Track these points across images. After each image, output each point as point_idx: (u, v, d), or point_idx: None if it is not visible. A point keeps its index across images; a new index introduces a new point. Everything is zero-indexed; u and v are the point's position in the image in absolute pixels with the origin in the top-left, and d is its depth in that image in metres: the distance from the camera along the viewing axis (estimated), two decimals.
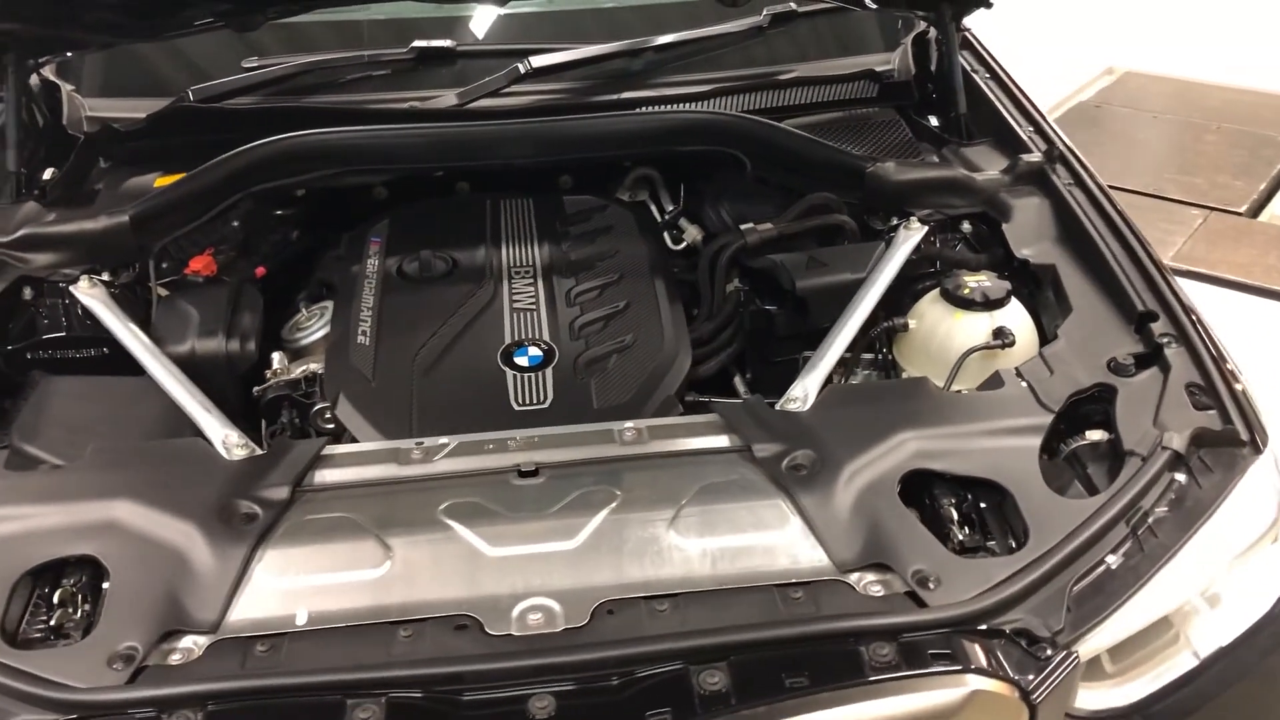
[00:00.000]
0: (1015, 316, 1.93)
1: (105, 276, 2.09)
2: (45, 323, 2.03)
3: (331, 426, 1.89)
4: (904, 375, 1.98)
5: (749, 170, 2.34)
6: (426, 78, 2.53)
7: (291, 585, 1.49)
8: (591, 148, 2.33)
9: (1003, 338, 1.87)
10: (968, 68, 2.50)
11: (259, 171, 2.21)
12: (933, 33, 2.52)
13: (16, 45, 2.19)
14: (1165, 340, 1.77)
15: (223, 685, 1.34)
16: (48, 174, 2.36)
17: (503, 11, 2.59)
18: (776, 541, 1.54)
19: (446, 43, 2.52)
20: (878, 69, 2.56)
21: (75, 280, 2.02)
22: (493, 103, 2.44)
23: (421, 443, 1.71)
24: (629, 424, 1.73)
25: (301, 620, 1.44)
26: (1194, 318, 1.80)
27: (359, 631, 1.43)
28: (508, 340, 1.97)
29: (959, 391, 1.81)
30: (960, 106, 2.39)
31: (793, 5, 2.60)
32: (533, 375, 1.90)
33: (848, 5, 2.42)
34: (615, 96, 2.47)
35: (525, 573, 1.49)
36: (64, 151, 2.42)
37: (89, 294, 2.00)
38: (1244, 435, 1.64)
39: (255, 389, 1.97)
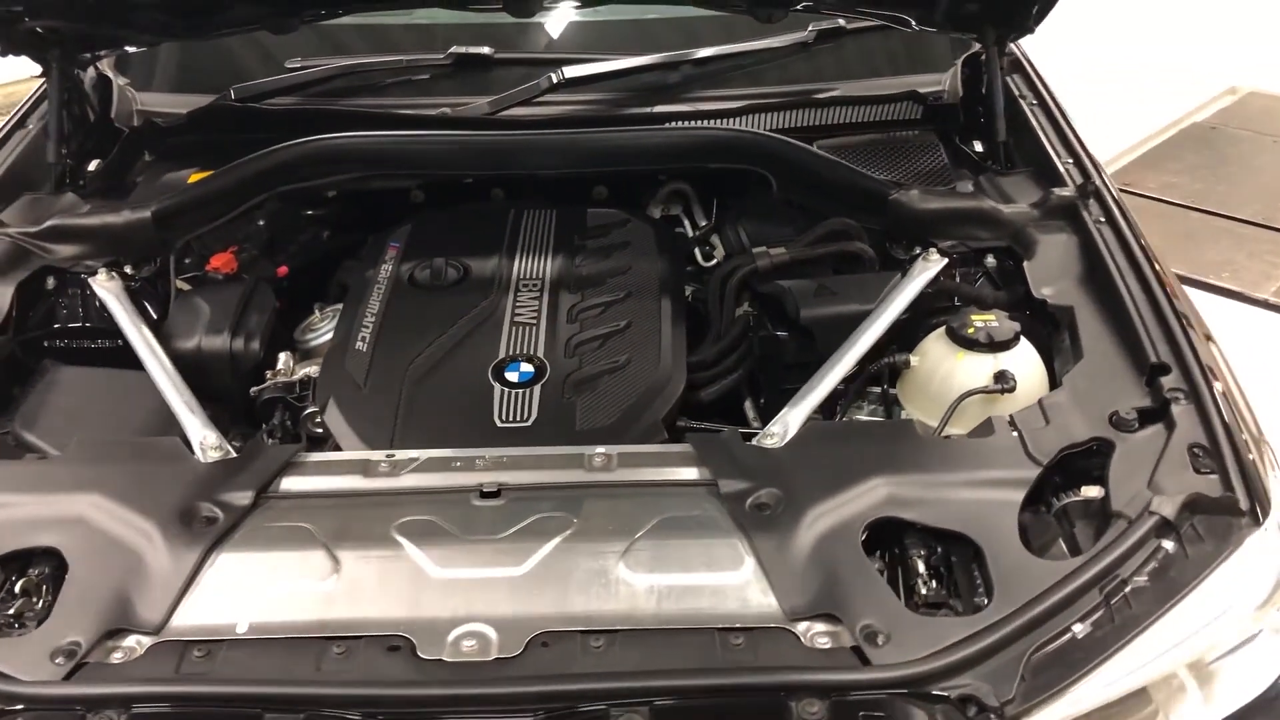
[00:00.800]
0: (1023, 360, 1.84)
1: (128, 270, 2.16)
2: (64, 312, 2.10)
3: (321, 431, 1.91)
4: (903, 414, 1.91)
5: (774, 190, 2.29)
6: (464, 84, 2.54)
7: (238, 592, 1.50)
8: (614, 161, 2.31)
9: (1003, 382, 1.78)
10: (1017, 93, 2.40)
11: (284, 173, 2.25)
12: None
13: (61, 41, 2.26)
14: (1174, 396, 1.66)
15: (148, 689, 1.35)
16: (93, 166, 2.44)
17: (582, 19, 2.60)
18: (727, 583, 1.49)
19: (485, 50, 2.53)
20: (923, 90, 2.47)
21: (95, 272, 2.09)
22: (526, 111, 2.44)
23: (392, 455, 1.71)
24: (600, 449, 1.70)
25: (241, 629, 1.45)
26: (1209, 374, 1.69)
27: (294, 644, 1.43)
28: (502, 354, 1.96)
29: (947, 437, 1.73)
30: (999, 134, 2.29)
31: (841, 22, 2.54)
32: (520, 392, 1.89)
33: (890, 24, 2.34)
34: (648, 110, 2.44)
35: (468, 597, 1.48)
36: (115, 145, 2.50)
37: (104, 286, 2.06)
38: (1243, 504, 1.52)
39: (252, 389, 2.00)
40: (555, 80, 2.41)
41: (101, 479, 1.63)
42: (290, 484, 1.66)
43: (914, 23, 2.28)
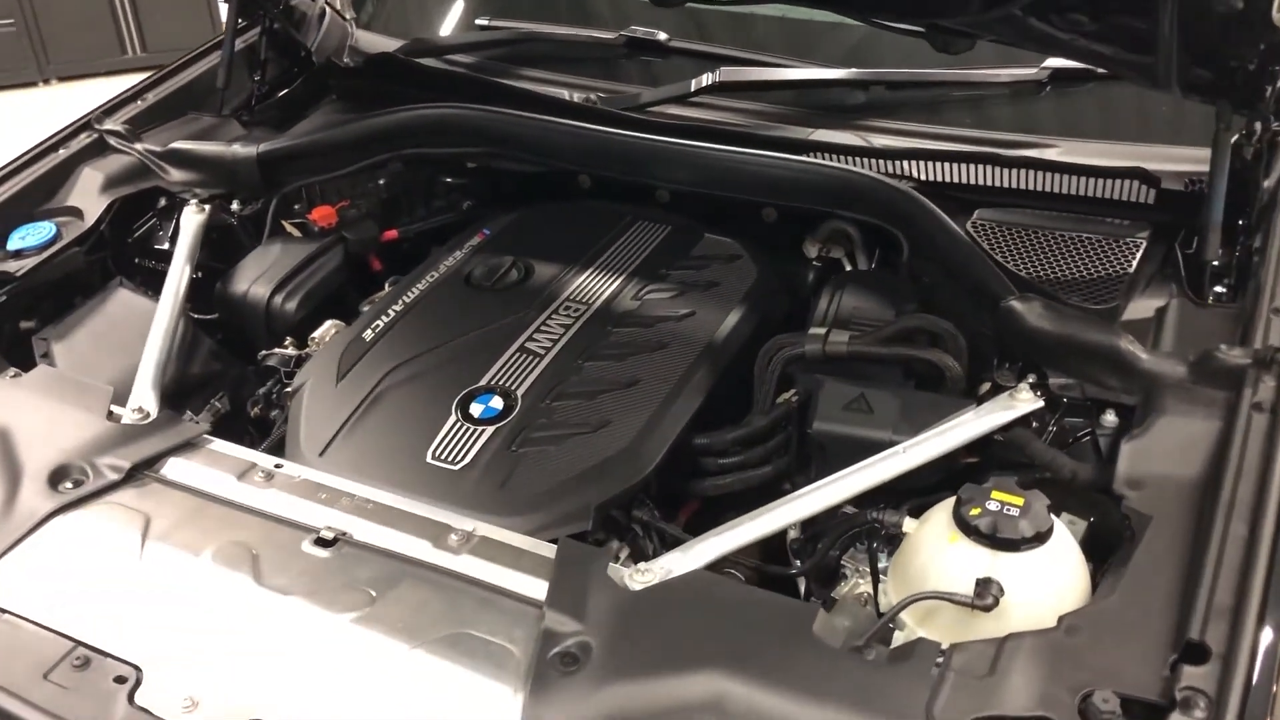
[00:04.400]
0: (1041, 571, 1.32)
1: (235, 205, 2.19)
2: (159, 234, 2.16)
3: None
4: (884, 586, 1.46)
5: (905, 257, 1.86)
6: (634, 68, 2.32)
7: (54, 564, 1.46)
8: (734, 187, 1.98)
9: (981, 595, 1.29)
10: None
11: (398, 137, 2.16)
12: None
13: None
14: (1190, 697, 1.12)
15: None
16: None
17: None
18: None
19: (660, 35, 2.27)
20: (1157, 168, 1.85)
21: (203, 200, 2.13)
22: (682, 111, 2.16)
23: (281, 465, 1.59)
24: (467, 526, 1.46)
25: (27, 606, 1.40)
26: (1255, 681, 1.11)
27: (53, 640, 1.36)
28: (483, 381, 1.75)
29: (859, 647, 1.28)
30: (1207, 250, 1.67)
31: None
32: (472, 429, 1.67)
33: (1122, 77, 1.78)
34: (805, 133, 2.04)
35: (217, 653, 1.33)
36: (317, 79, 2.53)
37: (189, 217, 2.09)
38: None
39: (261, 353, 1.96)
40: (708, 83, 2.11)
41: (24, 409, 1.65)
42: (171, 467, 1.59)
43: (1143, 80, 1.72)
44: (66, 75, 6.59)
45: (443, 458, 1.63)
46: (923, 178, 1.94)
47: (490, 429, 1.67)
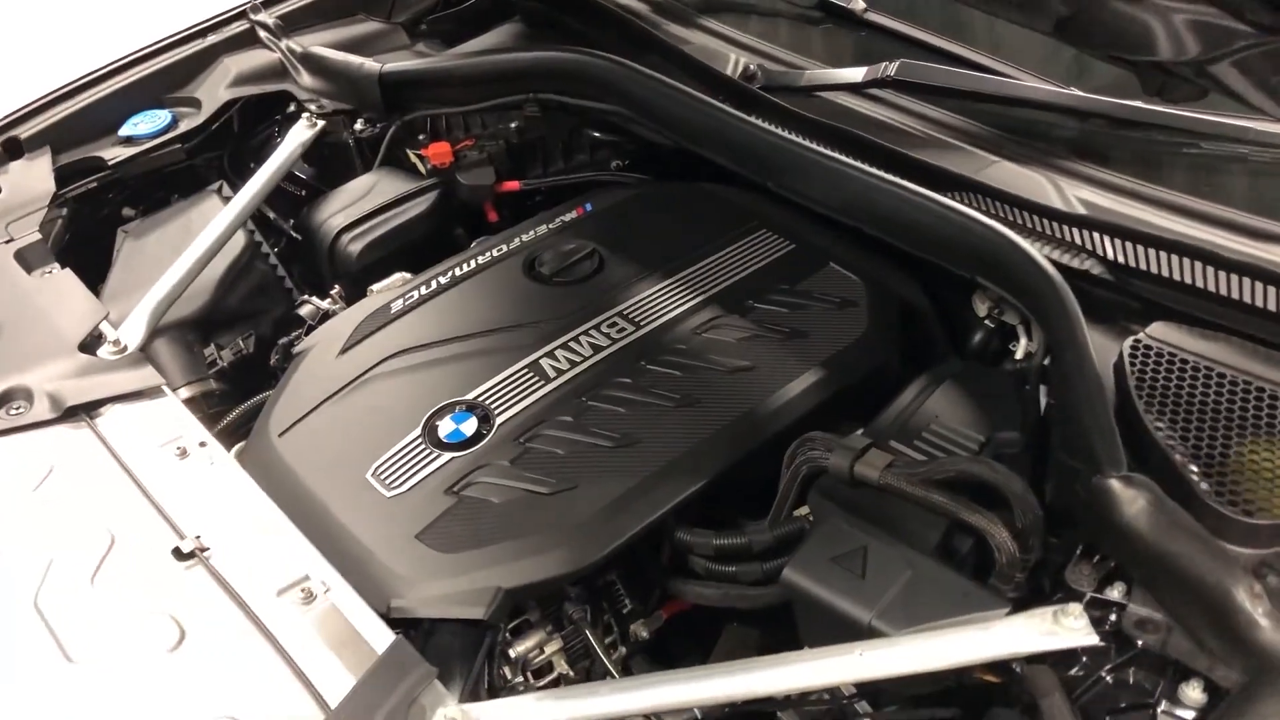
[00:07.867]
0: None
1: (358, 125, 2.03)
2: (276, 141, 2.04)
3: None
4: None
5: (1036, 361, 1.39)
6: (824, 38, 1.90)
7: None
8: (855, 215, 1.57)
9: None
10: None
11: (533, 78, 1.90)
12: None
13: None
14: None
15: None
16: None
17: None
18: None
19: (859, 3, 1.82)
20: None
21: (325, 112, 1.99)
22: (847, 100, 1.73)
23: (205, 444, 1.42)
24: (321, 584, 1.22)
25: None
26: None
27: None
28: (471, 395, 1.48)
29: None
30: None
31: None
32: (429, 453, 1.42)
33: None
34: (974, 169, 1.53)
35: (16, 650, 1.20)
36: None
37: (297, 132, 1.95)
38: None
39: (299, 298, 1.80)
40: (881, 75, 1.66)
41: (17, 315, 1.59)
42: (107, 416, 1.47)
43: None
44: None
45: (382, 478, 1.40)
46: (1107, 255, 1.42)
47: (446, 456, 1.41)
